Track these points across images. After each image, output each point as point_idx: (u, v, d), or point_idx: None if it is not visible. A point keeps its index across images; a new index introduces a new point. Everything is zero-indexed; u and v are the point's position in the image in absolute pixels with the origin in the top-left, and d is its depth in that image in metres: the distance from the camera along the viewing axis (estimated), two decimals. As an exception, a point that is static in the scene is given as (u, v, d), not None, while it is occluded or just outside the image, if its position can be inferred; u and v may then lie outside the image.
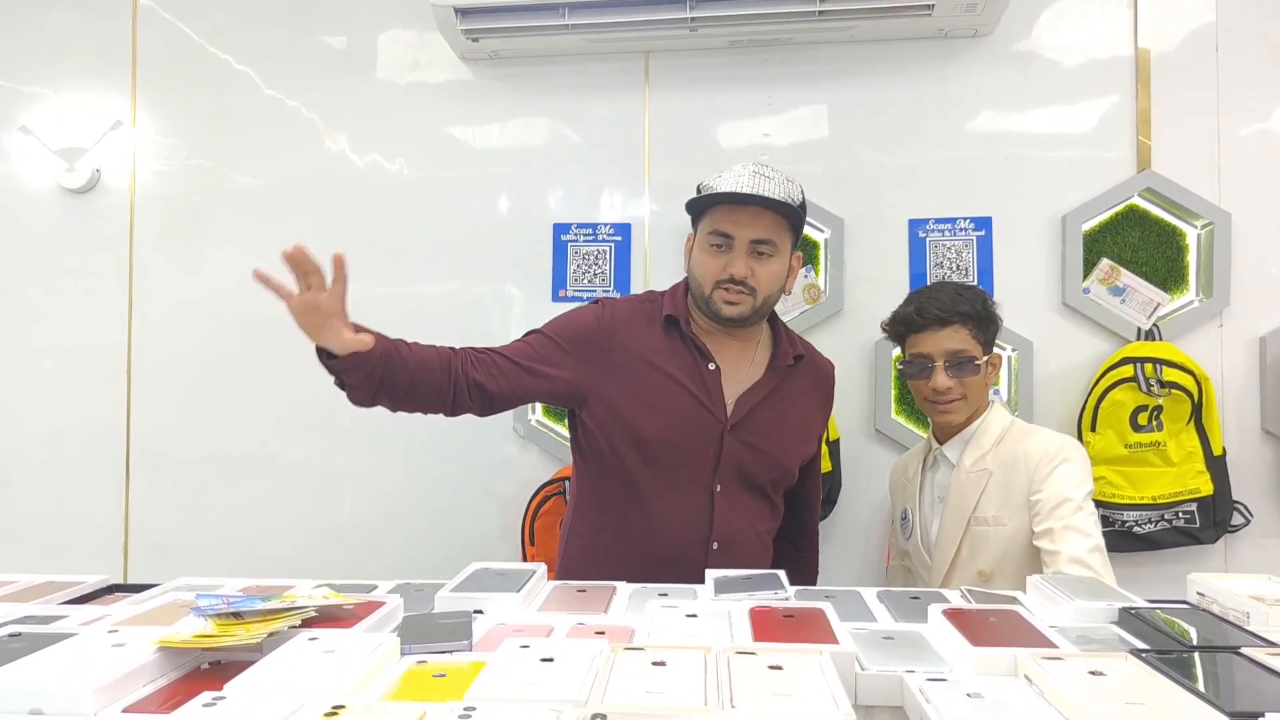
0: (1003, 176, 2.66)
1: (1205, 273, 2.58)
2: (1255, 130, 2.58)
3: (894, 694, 1.05)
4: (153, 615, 1.28)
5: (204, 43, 2.94)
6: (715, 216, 1.86)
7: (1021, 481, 1.93)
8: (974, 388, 2.00)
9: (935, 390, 1.99)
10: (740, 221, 1.84)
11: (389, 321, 2.83)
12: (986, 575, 1.95)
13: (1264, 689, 0.98)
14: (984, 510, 1.96)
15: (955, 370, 1.98)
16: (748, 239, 1.84)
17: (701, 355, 1.91)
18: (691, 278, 1.93)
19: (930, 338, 2.00)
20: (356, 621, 1.20)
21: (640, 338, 1.92)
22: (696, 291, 1.91)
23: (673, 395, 1.88)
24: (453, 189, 2.85)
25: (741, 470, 1.89)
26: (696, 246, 1.92)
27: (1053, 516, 1.87)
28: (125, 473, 2.95)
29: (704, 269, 1.87)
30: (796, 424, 1.98)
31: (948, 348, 1.98)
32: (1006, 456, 1.97)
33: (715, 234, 1.86)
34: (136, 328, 2.95)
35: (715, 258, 1.86)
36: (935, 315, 1.99)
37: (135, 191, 2.96)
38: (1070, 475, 1.91)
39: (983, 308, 2.02)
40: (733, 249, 1.84)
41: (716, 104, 2.77)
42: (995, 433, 2.02)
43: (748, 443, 1.89)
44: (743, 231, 1.84)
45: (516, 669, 1.00)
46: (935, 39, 2.67)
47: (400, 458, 2.85)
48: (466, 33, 2.60)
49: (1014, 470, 1.95)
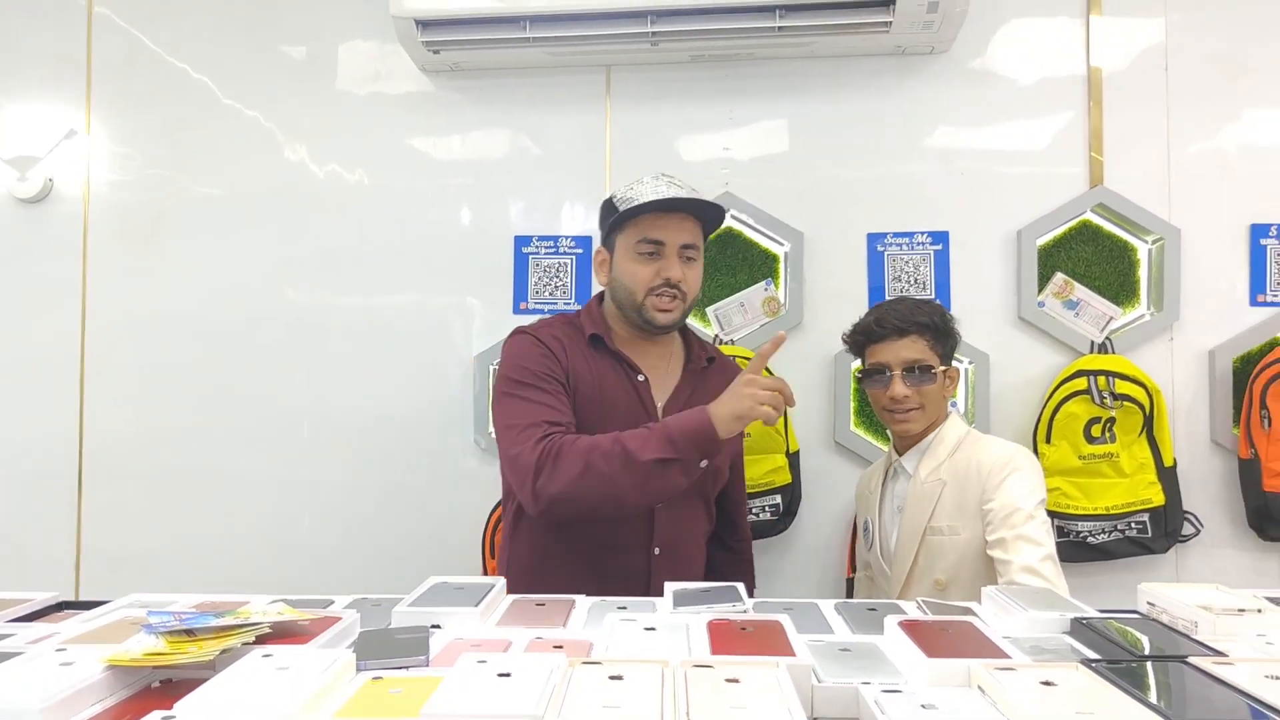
0: (959, 191, 2.70)
1: (1156, 287, 2.63)
2: (1204, 148, 2.65)
3: (850, 705, 1.06)
4: (102, 633, 1.25)
5: (161, 51, 2.91)
6: (642, 225, 1.88)
7: (974, 491, 1.96)
8: (931, 398, 2.03)
9: (893, 399, 2.02)
10: (669, 227, 1.88)
11: (349, 333, 2.82)
12: (943, 584, 1.97)
13: (1210, 698, 1.00)
14: (939, 520, 1.98)
15: (912, 379, 2.01)
16: (678, 244, 1.89)
17: (630, 368, 1.95)
18: (618, 288, 1.94)
19: (888, 347, 2.04)
20: (312, 638, 1.19)
21: (576, 355, 1.94)
22: (626, 301, 1.93)
23: (612, 411, 1.90)
24: (413, 200, 2.84)
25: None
26: (623, 257, 1.92)
27: (1005, 525, 1.89)
28: (78, 486, 2.90)
29: (635, 277, 1.90)
30: None
31: (905, 357, 2.02)
32: (960, 466, 2.00)
33: (646, 241, 1.88)
34: (90, 338, 2.91)
35: (647, 265, 1.89)
36: (894, 325, 2.03)
37: (89, 201, 2.92)
38: (1021, 484, 1.93)
39: (940, 320, 2.06)
40: (664, 255, 1.89)
41: (678, 118, 2.78)
42: (950, 443, 2.05)
43: None
44: (673, 237, 1.88)
45: (473, 684, 0.99)
46: (893, 55, 2.71)
47: (361, 470, 2.82)
48: (427, 44, 2.60)
49: (967, 480, 1.98)
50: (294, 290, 2.86)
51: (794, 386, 2.62)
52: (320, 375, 2.84)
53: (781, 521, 2.62)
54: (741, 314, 2.70)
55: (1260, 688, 1.00)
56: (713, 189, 2.73)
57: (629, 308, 1.93)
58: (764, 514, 2.60)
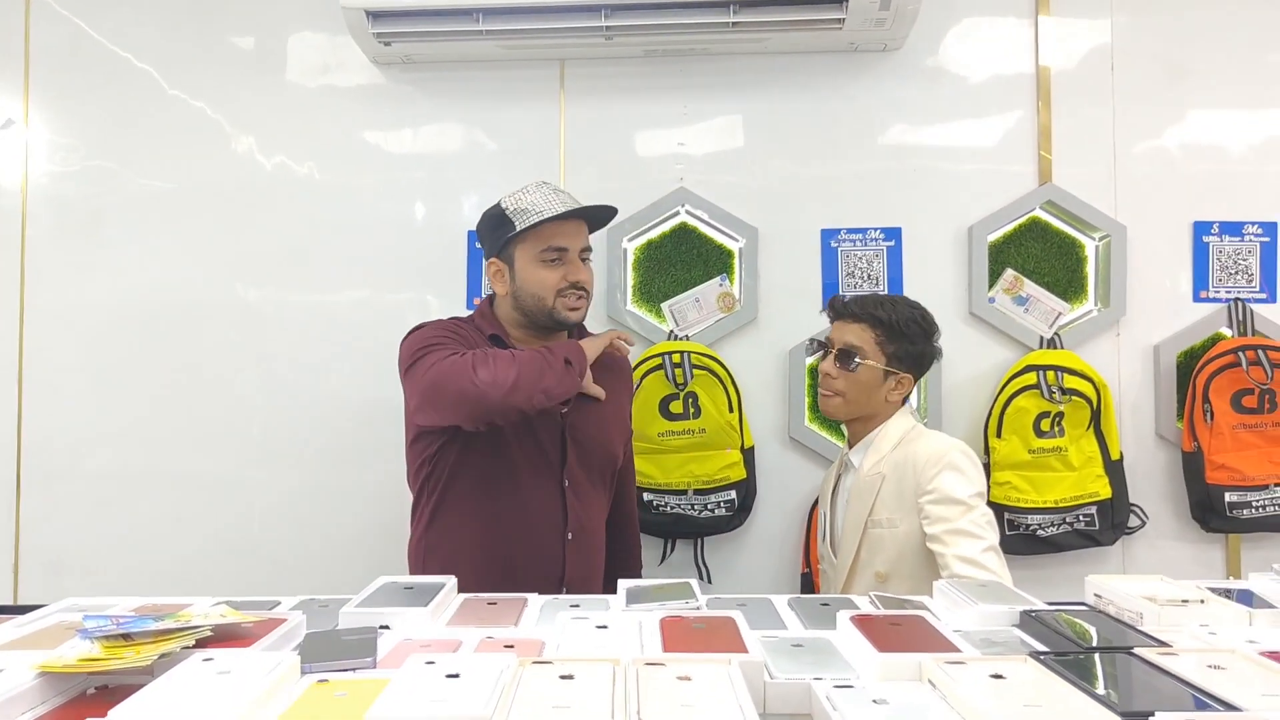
0: (912, 188, 2.72)
1: (1103, 283, 2.67)
2: (1149, 147, 2.69)
3: (803, 701, 1.05)
4: (35, 638, 1.21)
5: (103, 40, 2.83)
6: (544, 235, 1.99)
7: (910, 484, 1.99)
8: (857, 389, 2.09)
9: (822, 373, 2.13)
10: (569, 234, 2.02)
11: (300, 330, 2.77)
12: (883, 576, 2.00)
13: (1156, 689, 1.01)
14: (878, 513, 2.02)
15: (840, 360, 2.09)
16: (578, 248, 2.04)
17: None
18: (524, 295, 2.03)
19: (840, 325, 2.14)
20: (255, 640, 1.16)
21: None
22: (535, 306, 2.03)
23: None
24: (365, 194, 2.79)
25: (582, 461, 2.05)
26: (527, 265, 2.01)
27: (941, 519, 1.92)
28: (15, 488, 2.81)
29: (544, 283, 2.01)
30: (613, 408, 2.13)
31: (844, 339, 2.11)
32: (899, 460, 2.04)
33: (551, 249, 2.00)
34: (29, 335, 2.82)
35: (553, 270, 2.01)
36: (850, 309, 2.13)
37: (28, 193, 2.84)
38: (956, 477, 1.95)
39: (899, 321, 2.08)
40: (566, 260, 2.02)
41: (632, 113, 2.77)
42: (894, 438, 2.09)
43: (582, 435, 2.05)
44: (574, 243, 2.03)
45: (420, 686, 0.98)
46: (846, 53, 2.72)
47: (313, 470, 2.78)
48: (378, 36, 2.56)
49: (904, 473, 2.01)
50: (243, 286, 2.80)
51: (748, 382, 2.68)
52: (270, 373, 2.79)
53: (736, 517, 2.62)
54: (697, 309, 2.70)
55: (1203, 677, 1.01)
56: (667, 184, 2.73)
57: (537, 312, 2.03)
58: (719, 509, 2.60)
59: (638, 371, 2.57)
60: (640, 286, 2.75)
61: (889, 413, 2.13)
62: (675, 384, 2.57)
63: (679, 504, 2.60)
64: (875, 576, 2.00)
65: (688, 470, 2.60)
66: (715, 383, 2.60)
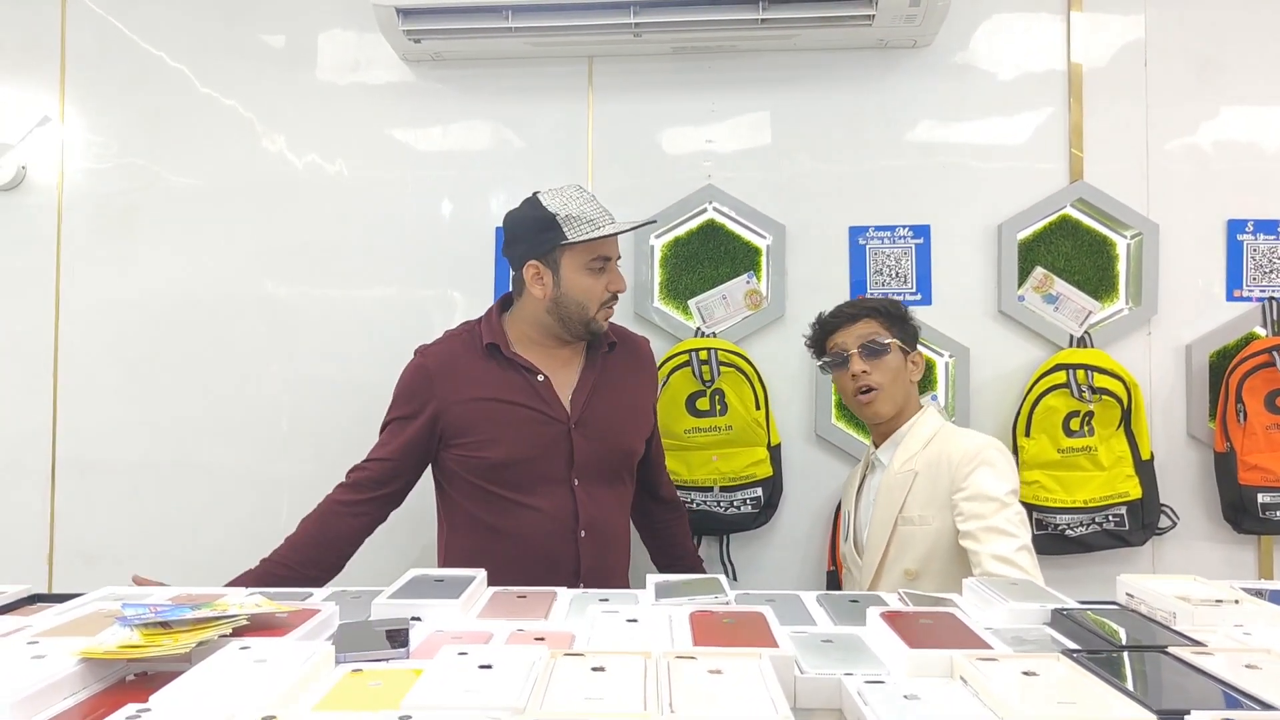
0: (941, 185, 2.70)
1: (1134, 282, 2.65)
2: (1182, 144, 2.66)
3: (833, 696, 1.06)
4: (76, 626, 1.24)
5: (136, 38, 2.87)
6: (595, 244, 2.03)
7: (944, 481, 1.99)
8: (890, 376, 2.09)
9: (853, 376, 2.10)
10: (611, 243, 2.07)
11: (328, 325, 2.80)
12: (913, 574, 1.99)
13: (1189, 687, 1.00)
14: (910, 510, 2.02)
15: (868, 355, 2.09)
16: (616, 258, 2.10)
17: (528, 371, 2.08)
18: (568, 301, 2.05)
19: (843, 332, 2.16)
20: (290, 630, 1.18)
21: (465, 373, 2.08)
22: (576, 313, 2.06)
23: (512, 415, 2.04)
24: (394, 192, 2.81)
25: (593, 460, 2.06)
26: (577, 272, 2.04)
27: (976, 516, 1.92)
28: (51, 479, 2.86)
29: (590, 292, 2.05)
30: (629, 405, 2.16)
31: (860, 333, 2.12)
32: (932, 457, 2.04)
33: (599, 259, 2.04)
34: (64, 329, 2.87)
35: (598, 280, 2.05)
36: (846, 312, 2.17)
37: (64, 189, 2.88)
38: (991, 475, 1.96)
39: (891, 305, 2.17)
40: (609, 270, 2.07)
41: (660, 110, 2.77)
42: (925, 435, 2.09)
43: (592, 434, 2.07)
44: (614, 251, 2.10)
45: (454, 676, 0.99)
46: (875, 49, 2.71)
47: (339, 462, 2.77)
48: (408, 34, 2.57)
49: (938, 470, 2.01)
50: (272, 282, 2.83)
51: (775, 379, 2.68)
52: (299, 367, 2.81)
53: (762, 514, 2.62)
54: (724, 306, 2.70)
55: (1240, 677, 1.01)
56: (695, 181, 2.73)
57: (577, 320, 2.06)
58: (745, 507, 2.60)
59: (665, 368, 2.58)
60: (667, 283, 2.75)
61: (915, 406, 2.15)
62: (702, 381, 2.57)
63: (705, 501, 2.60)
64: (905, 574, 1.99)
65: (714, 467, 2.60)
66: (742, 380, 2.60)
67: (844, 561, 2.24)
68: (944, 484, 1.99)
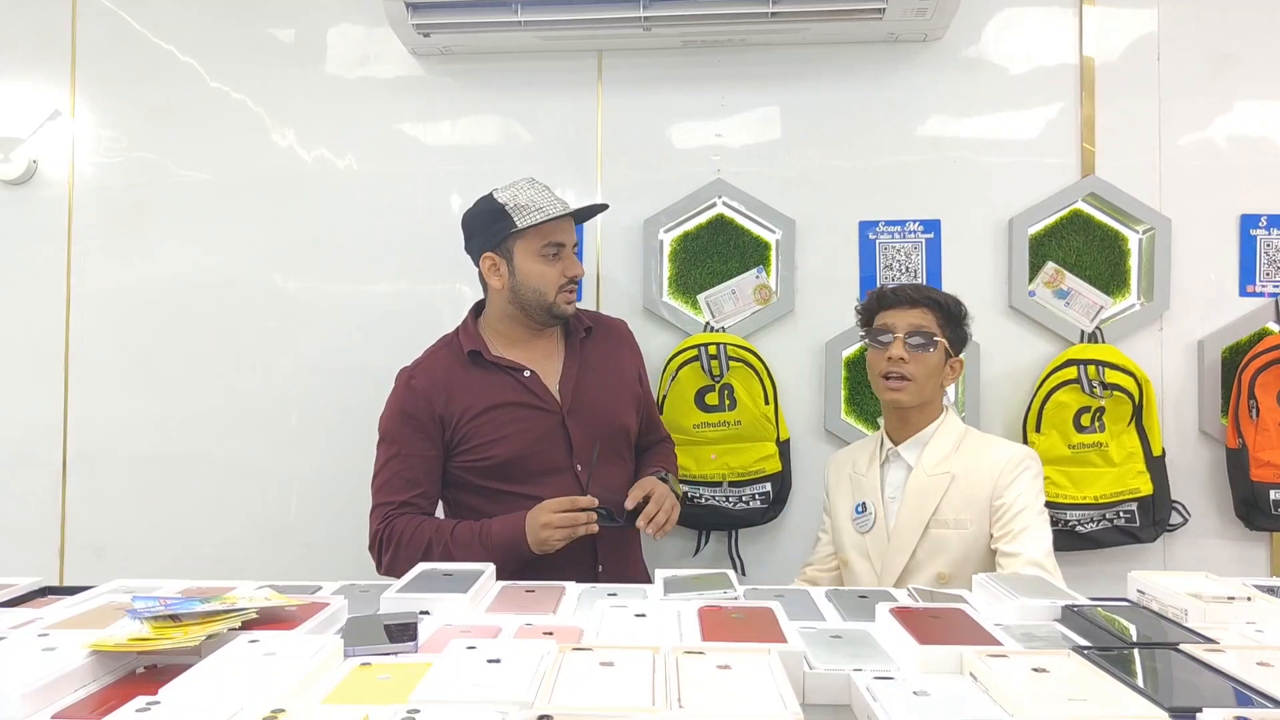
0: (951, 180, 2.69)
1: (1146, 277, 2.63)
2: (1194, 139, 2.64)
3: (842, 692, 1.05)
4: (86, 618, 1.24)
5: (146, 33, 2.87)
6: (545, 231, 2.07)
7: (985, 486, 2.00)
8: (926, 372, 2.05)
9: (890, 359, 2.04)
10: (564, 230, 2.11)
11: (338, 320, 2.80)
12: (945, 577, 1.98)
13: (1201, 685, 1.00)
14: (944, 513, 2.00)
15: (913, 345, 2.04)
16: (570, 244, 2.13)
17: (513, 369, 2.10)
18: (525, 289, 2.09)
19: (897, 313, 2.09)
20: (299, 623, 1.18)
21: (457, 385, 2.09)
22: (535, 301, 2.09)
23: (508, 416, 2.06)
24: (403, 186, 2.81)
25: (590, 444, 2.07)
26: (527, 260, 2.08)
27: (1017, 520, 1.95)
28: (62, 472, 2.87)
29: (545, 278, 2.08)
30: (615, 384, 2.19)
31: (912, 322, 2.07)
32: (969, 461, 2.03)
33: (551, 245, 2.08)
34: (74, 323, 2.88)
35: (553, 265, 2.08)
36: (908, 295, 2.10)
37: (74, 183, 2.89)
38: (1034, 484, 2.01)
39: (954, 305, 2.11)
40: (563, 256, 2.10)
41: (670, 104, 2.77)
42: (954, 438, 2.08)
43: (585, 419, 2.09)
44: (570, 238, 2.13)
45: (463, 670, 0.99)
46: (886, 43, 2.70)
47: (348, 456, 2.80)
48: (418, 28, 2.57)
49: (978, 475, 2.01)
50: (282, 276, 2.83)
51: (784, 374, 2.67)
52: (308, 362, 2.82)
53: (771, 509, 2.62)
54: (733, 301, 2.69)
55: (1252, 674, 1.00)
56: (704, 176, 2.72)
57: (537, 306, 2.09)
58: (754, 501, 2.60)
59: (674, 363, 2.58)
60: (676, 278, 2.75)
61: (939, 407, 2.13)
62: (711, 376, 2.57)
63: (714, 496, 2.60)
64: (938, 578, 1.99)
65: (723, 462, 2.59)
66: (751, 375, 2.59)
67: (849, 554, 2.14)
68: (984, 489, 2.00)
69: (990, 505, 1.99)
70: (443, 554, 1.93)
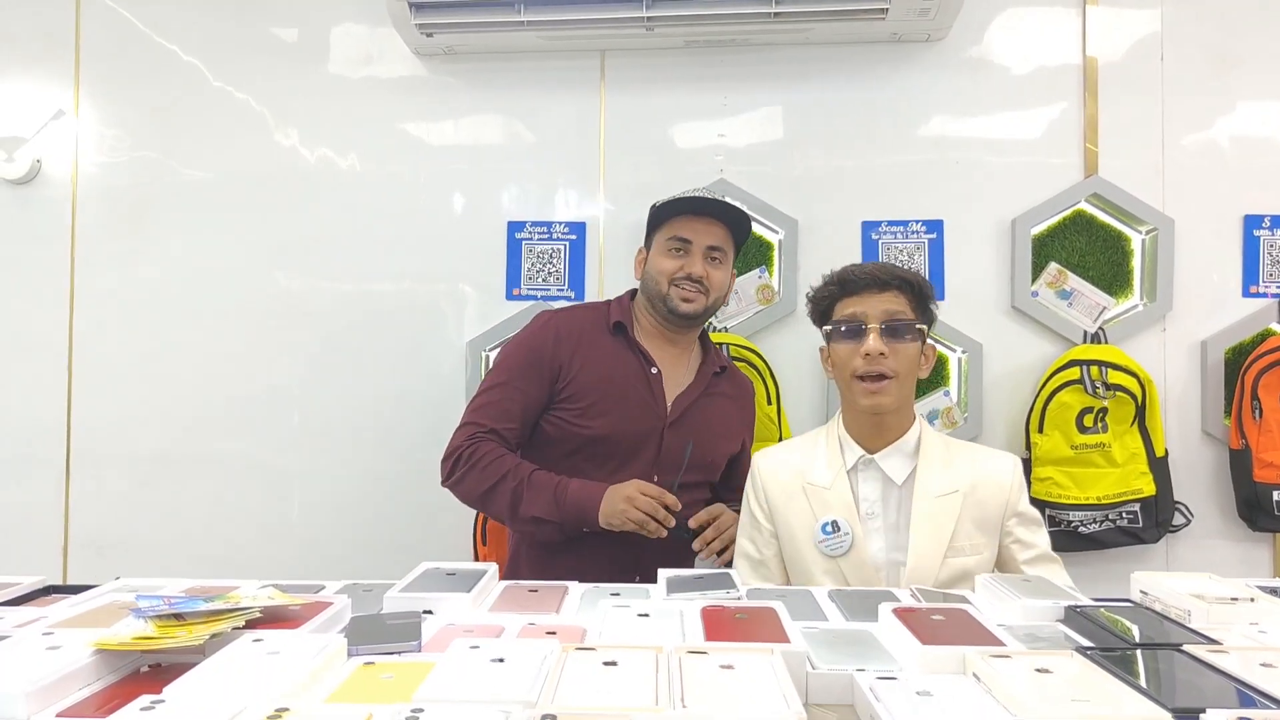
0: (954, 180, 2.69)
1: (1149, 277, 2.63)
2: (1198, 139, 2.64)
3: (845, 692, 1.05)
4: (90, 617, 1.24)
5: (150, 32, 2.87)
6: (675, 226, 2.07)
7: (995, 506, 1.77)
8: (907, 367, 1.76)
9: (867, 355, 1.72)
10: (698, 230, 2.07)
11: (340, 319, 2.81)
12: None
13: (1204, 686, 1.00)
14: (959, 539, 1.73)
15: (891, 335, 1.73)
16: (704, 244, 2.07)
17: (645, 359, 2.10)
18: (648, 279, 2.11)
19: (865, 299, 1.77)
20: (303, 622, 1.18)
21: (589, 343, 2.10)
22: (653, 291, 2.09)
23: (620, 395, 2.05)
24: (406, 185, 2.82)
25: (676, 463, 2.02)
26: (655, 253, 2.11)
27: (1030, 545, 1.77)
28: (65, 470, 2.88)
29: (662, 269, 2.07)
30: (721, 425, 2.15)
31: (886, 308, 1.75)
32: (973, 477, 1.77)
33: (675, 239, 2.07)
34: (78, 322, 2.88)
35: (673, 260, 2.07)
36: (876, 277, 1.77)
37: (77, 183, 2.89)
38: (1028, 494, 1.83)
39: (923, 282, 1.81)
40: (690, 253, 2.06)
41: (673, 104, 2.77)
42: (938, 445, 1.82)
43: (683, 440, 2.05)
44: (700, 238, 2.07)
45: (466, 669, 0.99)
46: (889, 43, 2.70)
47: (350, 456, 2.81)
48: (420, 27, 2.57)
49: (984, 493, 1.76)
50: (285, 275, 2.84)
51: (787, 375, 2.66)
52: (311, 361, 2.82)
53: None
54: (735, 301, 2.69)
55: (1255, 675, 1.00)
56: (707, 176, 2.72)
57: (656, 297, 2.09)
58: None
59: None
60: (679, 278, 2.74)
61: (912, 408, 1.84)
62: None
63: (716, 496, 2.59)
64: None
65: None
66: (753, 375, 2.59)
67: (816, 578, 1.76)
68: (994, 507, 1.76)
69: (1002, 526, 1.77)
70: (514, 490, 1.94)
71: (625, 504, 1.86)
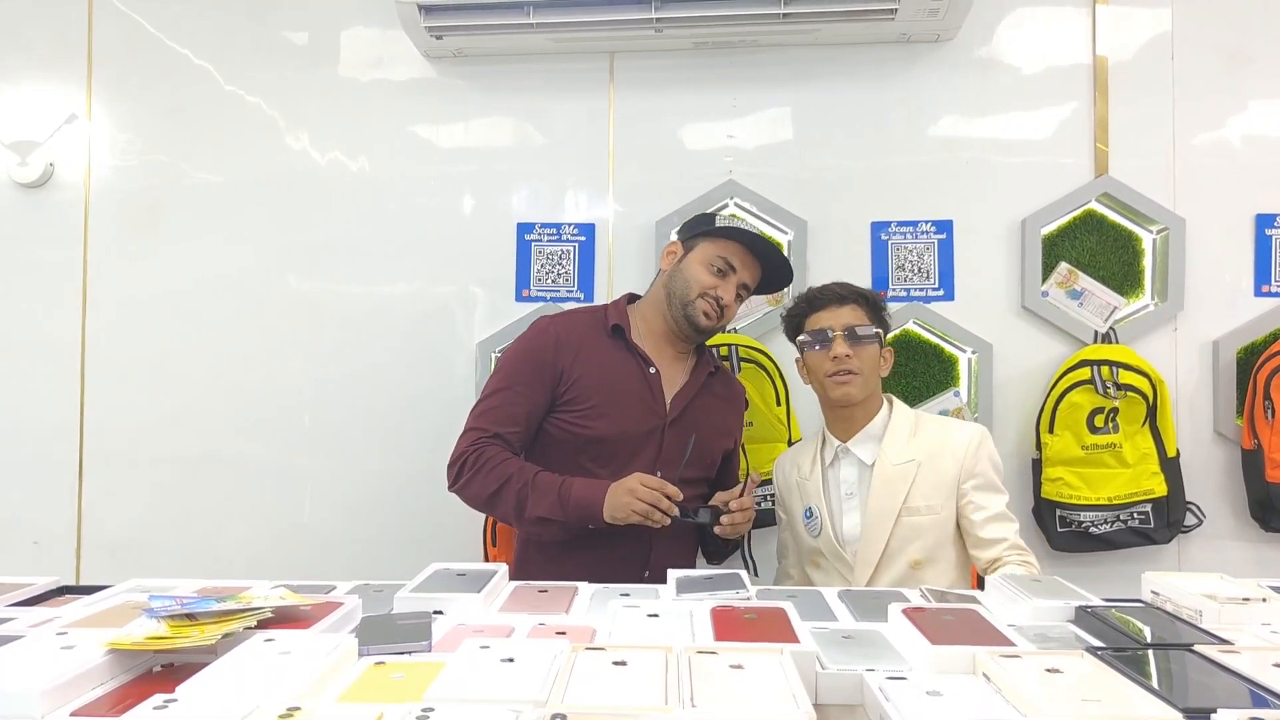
0: (964, 180, 2.69)
1: (1160, 277, 2.62)
2: (1209, 138, 2.63)
3: (854, 692, 1.06)
4: (104, 617, 1.25)
5: (162, 36, 2.89)
6: (727, 248, 2.11)
7: (952, 469, 2.03)
8: (869, 364, 2.08)
9: (834, 359, 2.05)
10: (746, 263, 2.12)
11: (351, 321, 2.82)
12: (919, 563, 1.99)
13: (1216, 686, 0.99)
14: (914, 500, 2.02)
15: (852, 340, 2.06)
16: (743, 279, 2.13)
17: (644, 360, 2.12)
18: (679, 280, 2.12)
19: (829, 313, 2.11)
20: (314, 622, 1.19)
21: (589, 347, 2.13)
22: (680, 293, 2.11)
23: (621, 396, 2.09)
24: (416, 188, 2.82)
25: (677, 460, 2.05)
26: (696, 260, 2.11)
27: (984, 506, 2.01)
28: (78, 472, 2.89)
29: (699, 280, 2.10)
30: (719, 423, 2.20)
31: (846, 320, 2.08)
32: (931, 447, 2.06)
33: (724, 260, 2.10)
34: (91, 325, 2.90)
35: (713, 277, 2.10)
36: (834, 293, 2.12)
37: (90, 186, 2.91)
38: (992, 462, 2.06)
39: (876, 296, 2.15)
40: (728, 279, 2.10)
41: (682, 105, 2.77)
42: (908, 425, 2.11)
43: (683, 436, 2.07)
44: (743, 272, 2.12)
45: (476, 669, 0.99)
46: (898, 43, 2.69)
47: (360, 457, 2.82)
48: (430, 30, 2.58)
49: (941, 460, 2.04)
50: (296, 277, 2.85)
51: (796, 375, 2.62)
52: (322, 362, 2.83)
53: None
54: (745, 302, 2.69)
55: (1268, 675, 1.00)
56: (716, 177, 2.72)
57: (679, 301, 2.11)
58: (766, 503, 2.59)
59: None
60: (688, 279, 2.75)
61: (879, 398, 2.14)
62: (723, 377, 2.57)
63: (726, 497, 2.60)
64: (911, 564, 1.99)
65: (734, 464, 2.59)
66: (763, 376, 2.59)
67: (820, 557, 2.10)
68: (951, 472, 2.03)
69: (958, 488, 2.03)
70: (519, 492, 1.96)
71: (628, 497, 1.89)
